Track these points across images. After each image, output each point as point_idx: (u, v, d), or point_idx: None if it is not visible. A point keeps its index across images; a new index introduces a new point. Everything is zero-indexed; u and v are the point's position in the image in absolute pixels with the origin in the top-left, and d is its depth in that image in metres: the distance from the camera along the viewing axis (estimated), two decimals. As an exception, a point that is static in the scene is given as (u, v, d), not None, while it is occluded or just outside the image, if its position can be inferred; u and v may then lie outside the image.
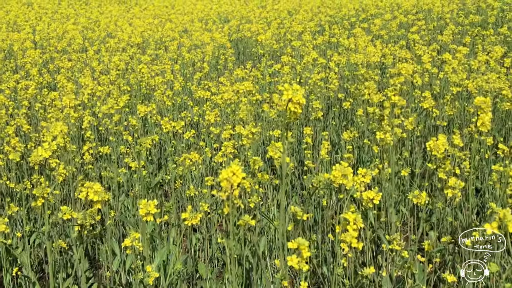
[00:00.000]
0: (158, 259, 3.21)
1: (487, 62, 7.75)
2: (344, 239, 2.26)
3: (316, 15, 16.91)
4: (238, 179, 2.23)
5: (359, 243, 2.30)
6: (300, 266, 2.11)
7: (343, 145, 6.06)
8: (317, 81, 7.26)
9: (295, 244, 2.06)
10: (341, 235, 2.30)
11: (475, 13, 14.21)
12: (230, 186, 2.22)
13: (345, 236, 2.24)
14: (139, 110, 5.29)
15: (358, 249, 2.30)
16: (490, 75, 6.71)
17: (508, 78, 7.08)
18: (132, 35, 14.02)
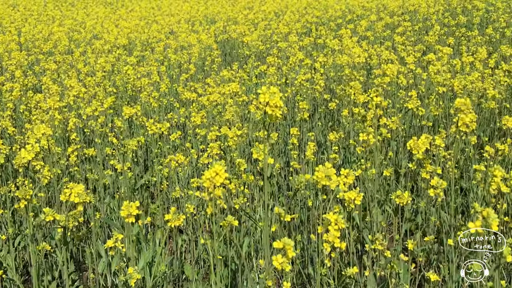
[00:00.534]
0: (143, 260, 3.20)
1: (472, 63, 7.81)
2: (327, 239, 2.27)
3: (302, 16, 16.93)
4: (221, 179, 2.23)
5: (342, 243, 2.31)
6: (283, 266, 2.12)
7: (329, 145, 6.08)
8: (302, 82, 7.27)
9: (281, 244, 2.07)
10: (324, 235, 2.31)
11: (461, 14, 14.29)
12: (213, 187, 2.23)
13: (328, 236, 2.25)
14: (124, 111, 5.28)
15: (341, 248, 2.31)
16: (473, 75, 6.76)
17: (493, 78, 7.13)
18: (118, 37, 13.97)
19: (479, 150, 5.84)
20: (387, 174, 4.25)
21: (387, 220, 4.95)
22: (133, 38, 14.45)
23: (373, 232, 4.30)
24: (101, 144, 6.01)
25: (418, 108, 5.86)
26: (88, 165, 5.83)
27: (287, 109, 7.40)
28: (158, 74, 9.39)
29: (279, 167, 5.73)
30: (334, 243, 2.31)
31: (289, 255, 2.08)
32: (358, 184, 5.12)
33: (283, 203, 5.72)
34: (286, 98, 7.73)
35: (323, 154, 6.48)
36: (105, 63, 9.64)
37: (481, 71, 7.48)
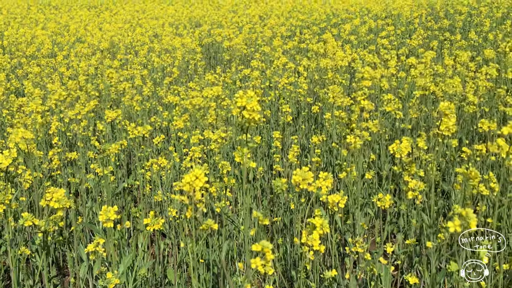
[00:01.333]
0: (123, 265, 3.19)
1: (453, 66, 7.87)
2: (306, 242, 2.27)
3: (287, 20, 16.99)
4: (200, 183, 2.23)
5: (321, 245, 2.32)
6: (266, 270, 2.12)
7: (313, 149, 6.10)
8: (286, 86, 7.29)
9: (259, 247, 2.07)
10: (303, 238, 2.32)
11: (444, 17, 14.41)
12: (193, 191, 2.23)
13: (308, 240, 2.26)
14: (106, 115, 5.26)
15: (321, 251, 2.31)
16: (456, 79, 6.81)
17: (475, 82, 7.19)
18: (102, 40, 13.93)
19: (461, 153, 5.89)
20: (368, 177, 4.27)
21: (369, 223, 4.97)
22: (116, 41, 14.41)
23: (356, 235, 4.32)
24: (83, 148, 5.99)
25: (395, 111, 5.89)
26: (70, 169, 5.80)
27: (271, 112, 7.41)
28: (141, 78, 9.36)
29: (262, 170, 5.74)
30: (313, 246, 2.32)
31: (267, 258, 2.08)
32: (340, 187, 5.14)
33: (266, 206, 5.72)
34: (270, 102, 7.75)
35: (306, 158, 6.49)
36: (88, 66, 9.60)
37: (463, 75, 7.55)
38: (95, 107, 7.16)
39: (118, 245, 4.53)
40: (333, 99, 5.30)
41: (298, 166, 5.93)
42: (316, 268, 3.95)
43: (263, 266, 2.07)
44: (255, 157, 6.57)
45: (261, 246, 2.05)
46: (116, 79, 8.42)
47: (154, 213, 5.42)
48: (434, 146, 4.54)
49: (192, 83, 7.66)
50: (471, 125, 6.65)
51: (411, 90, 7.68)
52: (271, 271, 2.09)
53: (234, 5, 23.42)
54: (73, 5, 29.29)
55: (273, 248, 4.66)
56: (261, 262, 2.07)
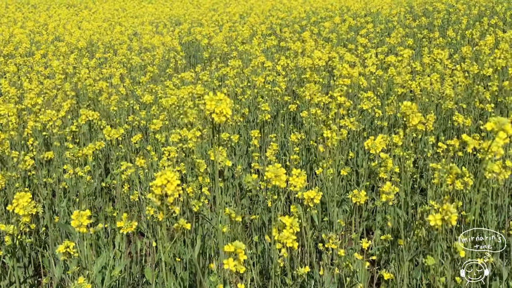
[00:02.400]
0: (98, 264, 3.16)
1: (432, 64, 7.92)
2: (279, 240, 2.27)
3: (267, 18, 16.99)
4: (172, 187, 2.22)
5: (294, 242, 2.32)
6: (237, 268, 2.11)
7: (291, 146, 6.10)
8: (264, 85, 7.28)
9: (232, 248, 2.06)
10: (276, 236, 2.31)
11: (422, 15, 14.50)
12: (165, 194, 2.21)
13: (280, 237, 2.25)
14: (82, 115, 5.22)
15: (294, 248, 2.31)
16: (433, 77, 6.86)
17: (453, 79, 7.25)
18: (80, 39, 13.82)
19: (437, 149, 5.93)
20: (344, 173, 4.28)
21: (348, 219, 4.98)
22: (95, 40, 14.31)
23: (334, 231, 4.33)
24: (60, 147, 5.93)
25: (373, 109, 5.91)
26: (46, 169, 5.75)
27: (249, 111, 7.40)
28: (120, 76, 9.31)
29: (240, 169, 5.73)
30: (286, 243, 2.32)
31: (240, 258, 2.07)
32: (317, 183, 5.14)
33: (245, 204, 5.71)
34: (248, 100, 7.75)
35: (285, 155, 6.49)
36: (66, 65, 9.51)
37: (441, 72, 7.60)
38: (71, 107, 7.10)
39: (95, 245, 4.50)
40: (309, 97, 5.30)
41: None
42: (293, 265, 3.95)
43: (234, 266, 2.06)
44: (234, 156, 6.56)
45: (234, 246, 2.04)
46: (94, 78, 8.35)
47: (131, 213, 5.40)
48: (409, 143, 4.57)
49: (169, 81, 7.62)
50: (448, 121, 6.69)
51: (389, 87, 7.72)
52: (242, 269, 2.08)
53: (214, 3, 23.38)
54: (52, 3, 29.06)
55: (251, 246, 4.65)
56: (234, 262, 2.06)
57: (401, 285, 3.08)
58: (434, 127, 6.51)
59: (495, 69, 6.54)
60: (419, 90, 6.73)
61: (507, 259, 4.10)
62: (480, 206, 4.81)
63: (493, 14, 14.35)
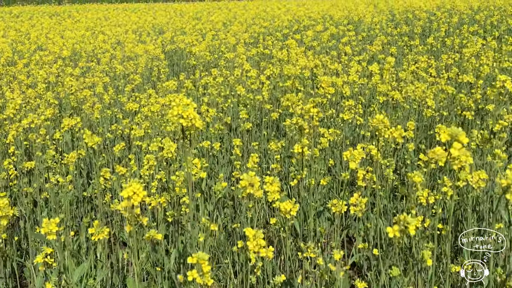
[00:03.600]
0: (77, 274, 3.15)
1: (413, 72, 7.99)
2: (252, 249, 2.27)
3: (250, 27, 17.04)
4: (139, 198, 2.22)
5: (268, 252, 2.32)
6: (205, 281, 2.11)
7: (273, 155, 6.11)
8: (245, 94, 7.30)
9: (194, 259, 2.06)
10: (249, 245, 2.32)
11: (403, 23, 14.62)
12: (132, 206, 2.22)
13: (253, 247, 2.26)
14: (64, 123, 5.20)
15: (269, 257, 2.32)
16: (417, 84, 6.92)
17: (436, 87, 7.31)
18: (63, 48, 13.76)
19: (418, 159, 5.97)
20: (323, 183, 4.30)
21: (330, 227, 5.00)
22: (78, 49, 14.26)
23: (313, 240, 4.35)
24: (41, 156, 5.90)
25: (357, 118, 5.94)
26: (26, 179, 5.71)
27: (232, 119, 7.41)
28: (103, 85, 9.28)
29: (222, 177, 5.74)
30: (260, 253, 2.32)
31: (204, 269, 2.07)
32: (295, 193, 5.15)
33: (227, 213, 5.71)
34: (231, 109, 7.76)
35: (267, 164, 6.51)
36: (49, 74, 9.47)
37: (424, 80, 7.67)
38: (53, 115, 7.07)
39: (76, 255, 4.47)
40: (290, 106, 5.32)
41: (259, 172, 5.94)
42: (274, 273, 3.96)
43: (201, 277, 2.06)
44: (216, 164, 6.56)
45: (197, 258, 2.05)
46: (77, 87, 8.32)
47: (113, 222, 5.38)
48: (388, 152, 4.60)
49: (152, 90, 7.62)
50: (430, 128, 6.75)
51: (372, 95, 7.77)
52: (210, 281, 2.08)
53: (197, 12, 23.42)
54: (35, 13, 28.93)
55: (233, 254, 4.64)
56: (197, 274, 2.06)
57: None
58: (416, 135, 6.57)
59: (478, 76, 6.61)
60: (402, 98, 6.78)
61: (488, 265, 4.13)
62: (460, 213, 4.86)
63: (473, 22, 14.51)
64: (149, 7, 30.37)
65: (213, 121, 7.14)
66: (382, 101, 6.56)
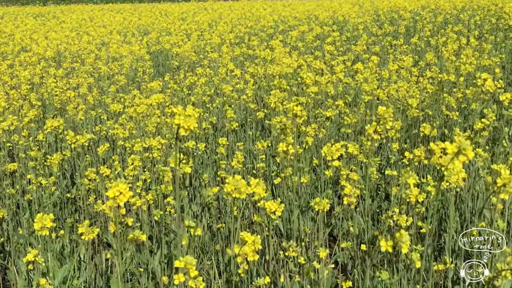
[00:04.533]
0: (60, 275, 3.13)
1: (397, 71, 8.02)
2: (240, 253, 2.27)
3: (235, 27, 17.04)
4: (125, 198, 2.21)
5: (255, 255, 2.33)
6: (197, 285, 2.10)
7: (258, 154, 6.11)
8: (231, 94, 7.30)
9: (182, 263, 2.05)
10: (236, 249, 2.32)
11: (388, 24, 14.68)
12: (117, 206, 2.21)
13: (241, 250, 2.26)
14: (47, 125, 5.17)
15: (255, 260, 2.32)
16: (399, 84, 6.95)
17: (418, 86, 7.35)
18: (47, 49, 13.67)
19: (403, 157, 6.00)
20: (304, 180, 4.31)
21: (314, 226, 5.01)
22: (62, 50, 14.17)
23: (295, 239, 4.35)
24: (25, 158, 5.86)
25: (340, 116, 5.95)
26: (8, 180, 5.67)
27: (217, 119, 7.40)
28: (87, 86, 9.24)
29: (207, 177, 5.73)
30: (247, 256, 2.33)
31: (191, 274, 2.06)
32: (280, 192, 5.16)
33: (212, 213, 5.70)
34: (216, 108, 7.75)
35: (252, 163, 6.51)
36: (33, 75, 9.41)
37: (407, 79, 7.70)
38: (37, 117, 7.02)
39: (59, 256, 4.45)
40: (274, 104, 5.33)
41: (244, 172, 5.94)
42: (259, 274, 3.96)
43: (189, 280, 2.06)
44: (201, 164, 6.55)
45: (184, 262, 2.04)
46: (61, 88, 8.28)
47: (97, 223, 5.35)
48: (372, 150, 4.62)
49: (137, 91, 7.60)
50: (414, 127, 6.78)
51: (357, 95, 7.80)
52: (202, 285, 2.08)
53: (183, 12, 23.37)
54: (19, 14, 28.73)
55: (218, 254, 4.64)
56: (184, 277, 2.06)
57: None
58: (400, 134, 6.59)
59: (460, 75, 6.66)
60: (385, 97, 6.80)
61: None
62: (443, 212, 4.89)
63: (457, 22, 14.60)
64: (135, 8, 30.28)
65: (199, 121, 7.13)
66: (367, 100, 6.59)
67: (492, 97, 6.25)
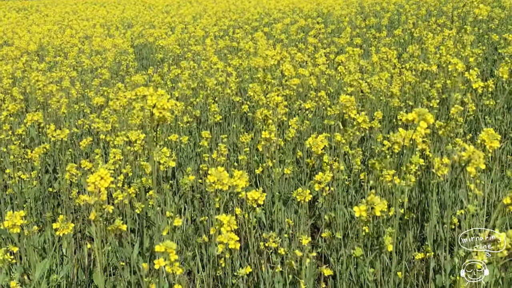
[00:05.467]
0: (40, 269, 3.11)
1: (380, 63, 8.04)
2: (220, 241, 2.27)
3: (220, 20, 16.99)
4: (106, 184, 2.20)
5: (236, 243, 2.33)
6: (173, 269, 2.10)
7: (241, 147, 6.11)
8: (215, 87, 7.28)
9: (162, 248, 2.05)
10: (218, 237, 2.32)
11: (372, 16, 14.71)
12: (98, 191, 2.20)
13: (220, 238, 2.26)
14: (27, 118, 5.13)
15: (236, 249, 2.32)
16: (381, 75, 6.96)
17: (401, 78, 7.37)
18: (30, 43, 13.57)
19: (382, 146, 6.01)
20: (287, 172, 4.32)
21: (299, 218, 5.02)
22: (45, 44, 14.07)
23: (284, 231, 4.37)
24: (6, 153, 5.82)
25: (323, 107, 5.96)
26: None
27: (201, 112, 7.38)
28: (70, 80, 9.18)
29: (190, 170, 5.72)
30: (229, 244, 2.33)
31: (171, 258, 2.06)
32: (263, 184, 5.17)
33: (195, 206, 5.70)
34: (201, 101, 7.73)
35: (236, 156, 6.50)
36: (15, 69, 9.34)
37: (390, 71, 7.72)
38: (18, 111, 6.97)
39: (41, 250, 4.43)
40: (257, 97, 5.33)
41: (228, 165, 5.93)
42: (243, 266, 3.96)
43: (171, 266, 2.06)
44: (185, 158, 6.53)
45: (165, 246, 2.04)
46: (43, 82, 8.21)
47: (79, 217, 5.33)
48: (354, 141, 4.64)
49: (120, 84, 7.56)
50: (394, 120, 6.81)
51: (340, 87, 7.81)
52: (179, 271, 2.08)
53: (167, 5, 23.26)
54: (1, 8, 28.47)
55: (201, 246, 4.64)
56: (165, 262, 2.05)
57: (341, 281, 3.13)
58: (383, 125, 6.62)
59: (440, 66, 6.69)
60: (368, 89, 6.82)
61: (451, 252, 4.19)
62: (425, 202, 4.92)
63: (441, 14, 14.66)
64: (118, 1, 30.08)
65: (182, 114, 7.11)
66: (349, 91, 6.60)
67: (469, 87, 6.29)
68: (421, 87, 6.77)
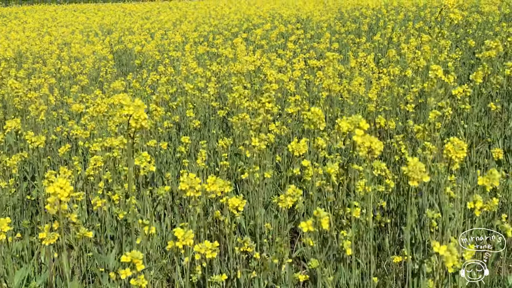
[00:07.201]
0: (17, 278, 3.09)
1: (359, 68, 8.10)
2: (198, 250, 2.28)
3: (200, 26, 16.99)
4: (65, 193, 2.19)
5: (213, 253, 2.34)
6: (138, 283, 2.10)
7: (220, 152, 6.11)
8: (192, 92, 7.28)
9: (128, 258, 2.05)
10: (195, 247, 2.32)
11: (351, 21, 14.81)
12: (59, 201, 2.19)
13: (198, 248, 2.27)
14: (6, 125, 5.09)
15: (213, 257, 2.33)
16: (358, 80, 7.02)
17: (379, 82, 7.42)
18: (8, 49, 13.45)
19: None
20: (268, 176, 4.33)
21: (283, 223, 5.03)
22: (24, 50, 13.97)
23: (265, 236, 4.38)
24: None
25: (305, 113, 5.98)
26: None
27: (180, 117, 7.38)
28: (49, 87, 9.12)
29: (169, 176, 5.72)
30: (206, 254, 2.33)
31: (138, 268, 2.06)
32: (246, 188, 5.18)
33: (176, 212, 5.69)
34: (180, 107, 7.72)
35: (215, 162, 6.51)
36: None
37: (368, 76, 7.79)
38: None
39: (18, 259, 4.39)
40: (238, 102, 5.35)
41: (208, 170, 5.93)
42: (222, 272, 3.97)
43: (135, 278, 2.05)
44: (165, 163, 6.52)
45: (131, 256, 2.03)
46: (23, 90, 8.15)
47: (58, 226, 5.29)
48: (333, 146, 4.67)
49: (99, 90, 7.53)
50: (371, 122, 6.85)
51: (319, 91, 7.85)
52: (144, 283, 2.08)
53: (147, 11, 23.23)
54: (-22, 14, 28.22)
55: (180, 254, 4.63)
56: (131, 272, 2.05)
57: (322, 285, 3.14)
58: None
59: (416, 71, 6.76)
60: (346, 93, 6.87)
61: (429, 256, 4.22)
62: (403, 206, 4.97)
63: (419, 19, 14.80)
64: (98, 7, 29.97)
65: (161, 120, 7.10)
66: (325, 96, 6.64)
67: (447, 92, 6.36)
68: (397, 91, 6.84)
